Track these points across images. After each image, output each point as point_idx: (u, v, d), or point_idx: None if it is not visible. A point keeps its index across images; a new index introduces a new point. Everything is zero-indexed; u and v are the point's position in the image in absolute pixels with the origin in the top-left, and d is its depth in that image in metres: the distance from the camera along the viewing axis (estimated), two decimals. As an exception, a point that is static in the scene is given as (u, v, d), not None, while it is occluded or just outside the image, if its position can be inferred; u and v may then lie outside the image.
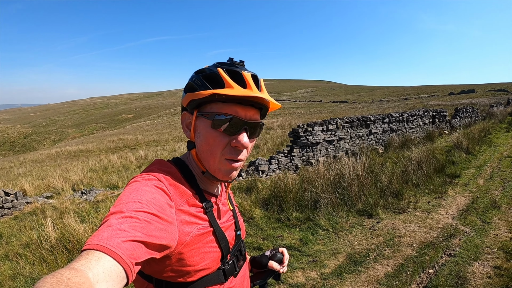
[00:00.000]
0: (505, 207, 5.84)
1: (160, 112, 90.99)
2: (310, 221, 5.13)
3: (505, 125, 18.57)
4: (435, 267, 3.81)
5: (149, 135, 30.67)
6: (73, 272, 0.57)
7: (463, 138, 11.86)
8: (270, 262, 1.30)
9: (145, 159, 14.35)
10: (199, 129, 0.98)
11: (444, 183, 7.35)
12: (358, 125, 12.10)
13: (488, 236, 4.65)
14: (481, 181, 7.66)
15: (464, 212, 5.57)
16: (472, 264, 3.87)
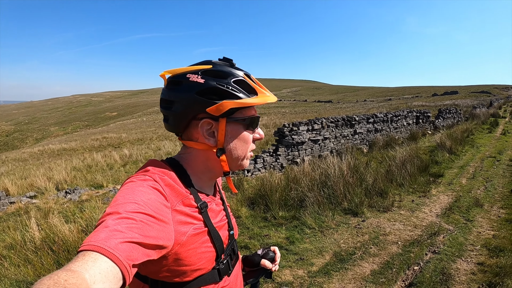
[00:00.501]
0: (488, 205, 6.03)
1: (144, 110, 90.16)
2: (297, 220, 5.18)
3: (488, 126, 19.07)
4: (420, 264, 3.91)
5: (133, 134, 30.33)
6: (69, 274, 0.58)
7: (446, 138, 12.14)
8: (263, 261, 1.32)
9: (129, 158, 14.19)
10: (231, 134, 1.01)
11: (428, 182, 7.52)
12: (343, 125, 12.25)
13: (471, 234, 4.79)
14: (464, 180, 7.87)
15: (447, 211, 5.71)
16: (456, 261, 3.99)
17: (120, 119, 79.64)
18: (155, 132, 29.59)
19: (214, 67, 0.98)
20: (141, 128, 38.77)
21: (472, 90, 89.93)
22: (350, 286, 3.50)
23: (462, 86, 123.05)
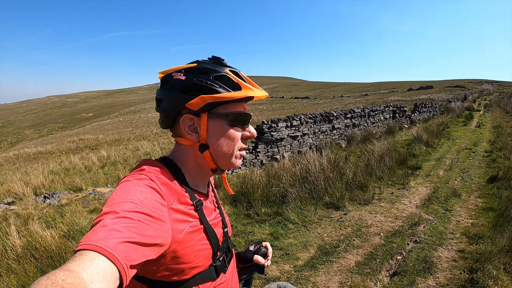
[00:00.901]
0: (465, 195, 6.24)
1: (121, 111, 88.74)
2: (279, 216, 5.22)
3: (463, 119, 19.71)
4: (403, 254, 4.02)
5: (110, 135, 29.80)
6: (67, 273, 0.58)
7: (423, 131, 12.47)
8: (256, 257, 1.36)
9: (107, 159, 13.94)
10: (214, 130, 1.01)
11: (406, 174, 7.71)
12: (322, 120, 12.39)
13: (450, 223, 4.95)
14: (441, 172, 8.11)
15: (426, 201, 5.88)
16: (437, 249, 4.12)
17: (96, 120, 78.20)
18: (132, 133, 29.21)
19: (198, 65, 1.02)
20: (118, 129, 38.17)
21: (447, 85, 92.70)
22: (336, 278, 3.56)
23: (437, 81, 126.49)
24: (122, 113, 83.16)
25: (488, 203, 5.70)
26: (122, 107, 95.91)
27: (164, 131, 26.34)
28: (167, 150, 14.76)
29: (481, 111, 26.80)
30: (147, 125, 38.15)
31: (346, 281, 3.50)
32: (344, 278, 3.56)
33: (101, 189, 7.30)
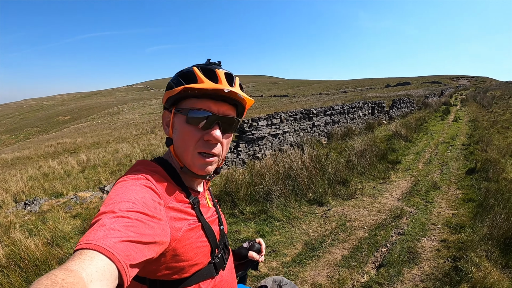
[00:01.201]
0: (445, 187, 6.44)
1: (98, 113, 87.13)
2: (264, 214, 5.25)
3: (440, 114, 20.23)
4: (387, 246, 4.12)
5: (89, 137, 29.20)
6: (67, 273, 0.59)
7: (402, 127, 12.75)
8: (250, 253, 1.38)
9: (87, 163, 13.65)
10: (175, 125, 1.03)
11: (387, 169, 7.88)
12: (302, 118, 12.49)
13: (432, 214, 5.10)
14: (421, 165, 8.32)
15: (408, 194, 6.04)
16: (421, 240, 4.24)
17: (74, 122, 76.52)
18: (111, 135, 28.76)
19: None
20: (96, 131, 37.50)
21: (424, 81, 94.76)
22: (324, 273, 3.62)
23: (414, 77, 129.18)
24: (100, 115, 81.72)
25: (467, 194, 5.90)
26: (100, 109, 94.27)
27: (143, 133, 25.99)
28: (147, 152, 14.59)
29: (458, 106, 27.55)
30: (126, 127, 37.65)
31: (334, 274, 3.56)
32: (331, 272, 3.63)
33: (83, 194, 7.16)
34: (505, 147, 11.08)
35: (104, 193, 7.08)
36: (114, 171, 11.85)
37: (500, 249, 3.84)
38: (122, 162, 13.04)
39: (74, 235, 4.68)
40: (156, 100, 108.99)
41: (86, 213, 5.44)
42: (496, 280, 3.21)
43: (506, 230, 4.06)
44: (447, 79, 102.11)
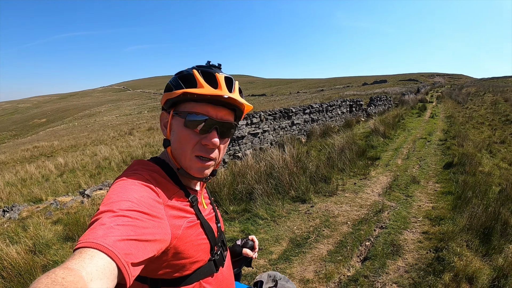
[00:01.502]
0: (424, 181, 6.63)
1: (75, 115, 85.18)
2: (248, 213, 5.28)
3: (417, 111, 20.75)
4: (371, 240, 4.22)
5: (65, 140, 28.45)
6: (67, 271, 0.59)
7: (380, 124, 13.02)
8: (245, 250, 1.42)
9: (65, 166, 13.32)
10: (173, 127, 1.04)
11: (367, 165, 8.05)
12: (281, 117, 12.57)
13: (412, 208, 5.25)
14: (399, 161, 8.53)
15: (388, 189, 6.19)
16: (403, 233, 4.37)
17: (50, 125, 74.56)
18: (88, 137, 28.18)
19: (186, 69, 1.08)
20: (73, 134, 36.63)
21: (400, 79, 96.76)
22: (311, 268, 3.68)
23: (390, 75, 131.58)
24: (76, 117, 79.97)
25: (446, 187, 6.10)
26: (76, 111, 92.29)
27: (121, 135, 25.58)
28: (126, 153, 14.39)
29: (434, 103, 28.28)
30: (103, 129, 36.96)
31: (320, 269, 3.63)
32: (318, 267, 3.69)
33: (63, 198, 6.99)
34: (481, 142, 11.47)
35: (85, 197, 6.94)
36: (93, 174, 11.65)
37: (479, 238, 4.01)
38: (101, 165, 12.84)
39: (56, 242, 4.57)
40: (134, 101, 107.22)
41: (67, 219, 5.32)
42: (478, 268, 3.36)
43: (485, 220, 4.24)
44: (423, 76, 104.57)
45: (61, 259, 3.97)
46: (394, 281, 3.32)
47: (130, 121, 44.80)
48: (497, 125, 17.12)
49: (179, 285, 0.98)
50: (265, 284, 1.64)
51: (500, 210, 4.48)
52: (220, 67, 1.09)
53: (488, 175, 7.10)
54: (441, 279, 3.23)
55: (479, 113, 21.10)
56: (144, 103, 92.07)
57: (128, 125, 36.27)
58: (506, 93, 30.85)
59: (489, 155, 10.85)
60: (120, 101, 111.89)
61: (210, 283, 1.07)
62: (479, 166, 7.60)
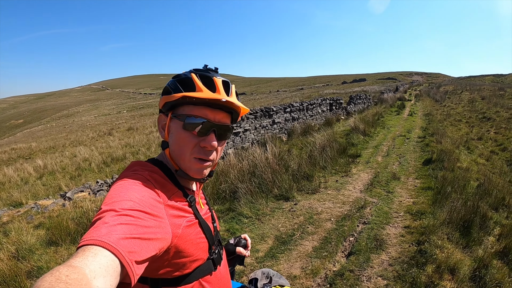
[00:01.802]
0: (404, 178, 6.80)
1: (53, 115, 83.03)
2: (232, 212, 5.31)
3: (395, 109, 21.15)
4: (354, 235, 4.32)
5: (44, 142, 27.69)
6: (70, 269, 0.61)
7: (360, 122, 13.24)
8: (238, 248, 1.47)
9: (44, 168, 12.98)
10: (172, 130, 1.07)
11: (348, 162, 8.19)
12: (262, 115, 12.63)
13: (393, 203, 5.40)
14: (380, 158, 8.72)
15: (369, 186, 6.34)
16: (385, 228, 4.50)
17: (27, 126, 72.47)
18: (67, 138, 27.56)
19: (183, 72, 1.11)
20: (51, 135, 35.71)
21: (379, 77, 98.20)
22: (297, 264, 3.75)
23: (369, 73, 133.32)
24: (54, 117, 78.01)
25: (425, 183, 6.28)
26: (54, 111, 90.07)
27: (100, 135, 25.16)
28: (106, 154, 14.16)
29: (412, 101, 28.88)
30: (82, 129, 36.20)
31: (307, 265, 3.70)
32: (304, 263, 3.76)
33: (43, 202, 6.83)
34: (459, 139, 11.81)
35: (66, 200, 6.81)
36: (74, 176, 11.44)
37: (460, 231, 4.18)
38: (81, 166, 12.61)
39: (39, 247, 4.48)
40: (112, 100, 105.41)
41: (49, 223, 5.22)
42: (459, 259, 3.51)
43: (464, 214, 4.41)
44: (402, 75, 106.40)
45: (46, 264, 3.90)
46: (379, 275, 3.42)
47: (109, 121, 44.07)
48: (474, 122, 17.67)
49: (179, 284, 1.01)
50: (259, 281, 1.68)
51: (479, 204, 4.69)
52: (217, 70, 1.13)
53: (466, 171, 7.36)
54: (424, 271, 3.36)
55: (456, 111, 21.71)
56: (123, 103, 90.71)
57: (107, 125, 35.64)
58: (483, 92, 31.74)
59: (467, 152, 11.21)
60: (99, 100, 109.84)
61: (209, 282, 1.10)
62: (457, 162, 7.85)
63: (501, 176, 8.28)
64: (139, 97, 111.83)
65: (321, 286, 3.34)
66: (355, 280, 3.35)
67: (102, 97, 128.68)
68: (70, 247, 4.38)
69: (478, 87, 36.89)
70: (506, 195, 5.84)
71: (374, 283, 3.31)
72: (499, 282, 3.22)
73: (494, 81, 53.75)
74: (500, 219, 4.95)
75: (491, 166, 10.13)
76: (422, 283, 3.17)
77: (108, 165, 12.73)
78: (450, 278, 3.27)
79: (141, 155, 13.60)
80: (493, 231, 4.49)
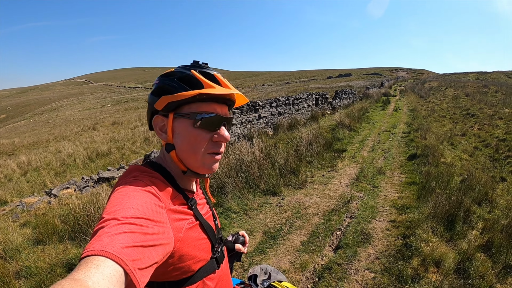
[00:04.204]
0: (389, 172, 6.93)
1: (36, 110, 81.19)
2: (220, 207, 5.34)
3: (381, 104, 21.42)
4: (341, 229, 4.41)
5: (27, 137, 27.09)
6: (73, 283, 0.61)
7: (345, 117, 13.39)
8: (237, 245, 1.48)
9: (28, 165, 12.72)
10: (178, 130, 1.05)
11: (334, 157, 8.31)
12: (248, 110, 12.66)
13: (379, 198, 5.51)
14: (365, 153, 8.85)
15: (355, 181, 6.44)
16: (372, 222, 4.60)
17: (10, 121, 70.70)
18: (50, 133, 27.05)
19: (175, 69, 1.09)
20: (34, 130, 34.95)
21: (364, 72, 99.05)
22: (286, 259, 3.81)
23: (355, 69, 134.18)
24: (37, 112, 76.36)
25: (410, 178, 6.41)
26: (37, 106, 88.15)
27: (84, 130, 24.84)
28: (91, 149, 14.00)
29: (397, 96, 29.26)
30: (66, 124, 35.55)
31: (295, 260, 3.76)
32: (293, 257, 3.83)
33: (29, 200, 6.72)
34: (443, 134, 12.05)
35: (51, 197, 6.73)
36: (58, 172, 11.29)
37: (444, 225, 4.31)
38: (66, 162, 12.45)
39: (27, 246, 4.42)
40: (97, 94, 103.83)
41: (36, 221, 5.15)
42: (444, 252, 3.62)
43: (448, 208, 4.53)
44: (387, 71, 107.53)
45: (34, 264, 3.85)
46: (366, 268, 3.51)
47: (93, 115, 43.39)
48: (458, 118, 17.99)
49: (184, 285, 1.02)
50: (259, 277, 1.72)
51: (463, 199, 4.82)
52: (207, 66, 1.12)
53: (450, 166, 7.54)
54: (410, 264, 3.46)
55: (441, 107, 22.07)
56: (107, 97, 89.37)
57: (91, 120, 35.08)
58: (467, 88, 32.33)
59: (451, 147, 11.45)
60: (83, 94, 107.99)
61: (212, 280, 1.11)
62: (441, 158, 8.03)
63: (484, 172, 8.49)
64: (124, 90, 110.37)
65: (310, 279, 3.42)
66: (343, 274, 3.43)
67: (86, 91, 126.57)
68: (57, 246, 4.33)
69: (462, 84, 37.52)
70: (489, 190, 6.02)
71: (361, 276, 3.39)
72: (483, 274, 3.34)
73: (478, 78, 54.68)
74: (483, 214, 5.12)
75: (474, 161, 10.36)
76: (408, 275, 3.27)
77: (93, 161, 12.61)
78: (435, 270, 3.38)
79: (126, 149, 13.50)
80: (477, 225, 4.63)
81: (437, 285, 3.10)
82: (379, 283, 3.26)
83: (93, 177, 8.32)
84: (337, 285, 3.28)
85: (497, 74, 63.90)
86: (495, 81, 45.96)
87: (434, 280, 3.21)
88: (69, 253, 4.05)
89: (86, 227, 4.46)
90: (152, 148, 12.38)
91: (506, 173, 9.28)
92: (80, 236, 4.36)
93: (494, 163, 10.78)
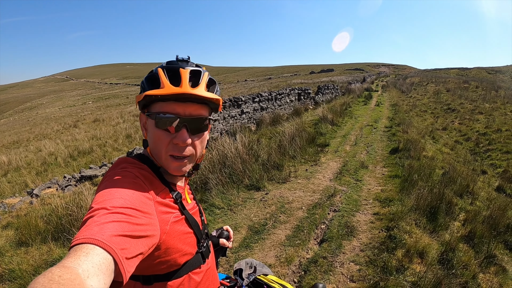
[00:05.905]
0: (372, 166, 7.01)
1: (15, 108, 79.05)
2: (204, 203, 5.31)
3: (363, 99, 21.63)
4: (326, 223, 4.45)
5: (6, 136, 26.37)
6: (63, 270, 0.61)
7: (328, 111, 13.46)
8: (222, 240, 1.47)
9: (9, 165, 12.36)
10: (148, 128, 1.07)
11: (317, 152, 8.37)
12: (231, 105, 12.61)
13: (362, 191, 5.58)
14: (348, 147, 8.93)
15: (338, 174, 6.50)
16: (355, 215, 4.65)
17: None
18: (31, 132, 26.40)
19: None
20: (14, 129, 34.07)
21: (347, 68, 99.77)
22: (271, 253, 3.82)
23: (337, 64, 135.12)
24: (17, 110, 74.39)
25: (392, 171, 6.51)
26: (17, 104, 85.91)
27: (66, 128, 24.35)
28: (73, 148, 13.72)
29: (379, 92, 29.56)
30: (46, 122, 34.78)
31: (281, 254, 3.78)
32: (278, 252, 3.84)
33: (10, 200, 6.52)
34: (424, 129, 12.24)
35: (33, 197, 6.56)
36: (40, 171, 11.03)
37: (427, 217, 4.39)
38: (47, 161, 12.16)
39: (9, 248, 4.30)
40: (77, 91, 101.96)
41: (18, 222, 5.02)
42: (427, 243, 3.69)
43: (430, 200, 4.62)
44: (369, 66, 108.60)
45: (18, 266, 3.75)
46: (351, 260, 3.55)
47: (74, 112, 42.57)
48: (439, 113, 18.35)
49: (170, 279, 1.02)
50: (244, 271, 1.72)
51: (444, 191, 4.92)
52: (188, 60, 1.08)
53: (432, 159, 7.67)
54: (395, 255, 3.51)
55: (422, 102, 22.46)
56: (88, 93, 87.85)
57: (72, 117, 34.39)
58: (448, 84, 32.98)
59: (432, 141, 11.66)
60: (63, 91, 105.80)
61: (198, 274, 1.12)
62: (423, 151, 8.16)
63: (465, 165, 8.69)
64: (105, 87, 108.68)
65: (296, 273, 3.44)
66: (328, 266, 3.46)
67: (66, 87, 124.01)
68: (41, 247, 4.23)
69: (443, 80, 38.22)
70: (470, 182, 6.16)
71: (347, 268, 3.43)
72: (466, 264, 3.44)
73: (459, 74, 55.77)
74: (465, 205, 5.24)
75: (455, 155, 10.59)
76: (393, 266, 3.32)
77: (75, 159, 12.38)
78: (419, 261, 3.45)
79: (108, 147, 13.29)
80: (459, 217, 4.75)
81: (421, 276, 3.15)
82: (364, 275, 3.30)
83: (75, 176, 8.17)
84: (323, 278, 3.30)
85: (478, 70, 65.25)
86: (475, 77, 46.98)
87: (418, 271, 3.27)
88: (53, 253, 3.98)
89: (70, 227, 4.38)
90: (135, 145, 12.24)
91: (487, 166, 9.52)
92: (64, 236, 4.29)
93: (474, 156, 11.04)
